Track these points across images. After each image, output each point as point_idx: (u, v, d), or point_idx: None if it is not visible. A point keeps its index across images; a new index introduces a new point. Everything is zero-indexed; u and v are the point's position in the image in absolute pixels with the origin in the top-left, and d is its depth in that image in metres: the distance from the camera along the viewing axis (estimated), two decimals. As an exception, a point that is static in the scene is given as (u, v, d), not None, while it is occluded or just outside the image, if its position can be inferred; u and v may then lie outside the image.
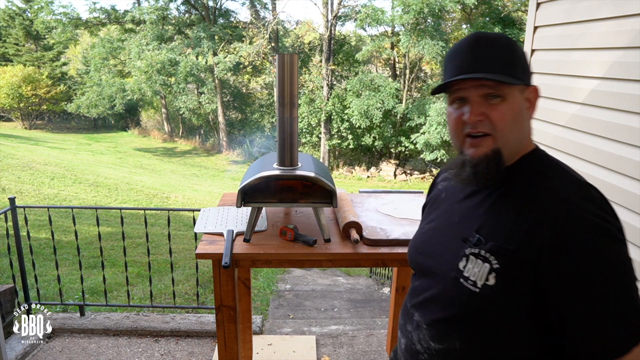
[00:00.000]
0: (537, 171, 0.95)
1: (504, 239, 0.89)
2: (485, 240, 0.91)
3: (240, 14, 40.94)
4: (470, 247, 0.93)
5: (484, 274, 0.89)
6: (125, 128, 26.34)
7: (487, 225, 0.93)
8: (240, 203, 1.53)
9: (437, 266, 1.01)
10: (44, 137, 21.01)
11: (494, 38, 0.94)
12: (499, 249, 0.88)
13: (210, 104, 21.38)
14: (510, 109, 0.91)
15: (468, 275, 0.91)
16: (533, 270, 0.85)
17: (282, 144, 1.57)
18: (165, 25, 21.45)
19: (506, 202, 0.93)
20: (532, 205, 0.88)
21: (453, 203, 1.06)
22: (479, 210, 0.97)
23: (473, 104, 0.92)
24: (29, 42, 26.54)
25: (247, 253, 1.54)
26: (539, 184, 0.91)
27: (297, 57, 1.53)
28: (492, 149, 0.92)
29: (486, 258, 0.90)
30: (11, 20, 25.57)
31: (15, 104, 22.48)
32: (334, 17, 19.97)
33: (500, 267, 0.87)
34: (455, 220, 1.02)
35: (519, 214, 0.89)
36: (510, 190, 0.94)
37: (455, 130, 0.97)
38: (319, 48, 21.37)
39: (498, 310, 0.89)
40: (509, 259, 0.87)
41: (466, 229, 0.97)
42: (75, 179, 11.81)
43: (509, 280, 0.87)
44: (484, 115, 0.91)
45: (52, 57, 25.75)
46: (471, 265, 0.92)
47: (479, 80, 0.91)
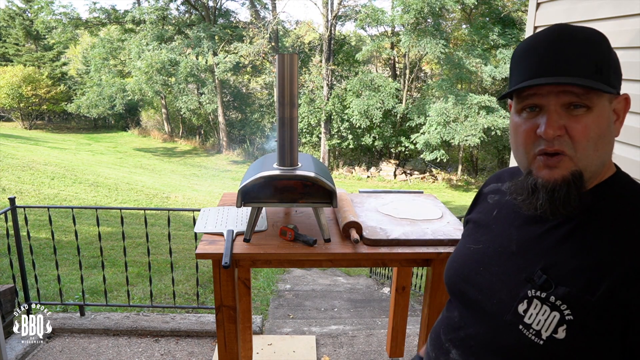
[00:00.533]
0: (623, 201, 0.77)
1: (582, 286, 0.72)
2: (555, 284, 0.75)
3: (240, 14, 40.95)
4: (535, 289, 0.76)
5: (552, 324, 0.73)
6: (125, 128, 26.34)
7: (558, 265, 0.76)
8: (240, 203, 1.53)
9: (487, 302, 0.84)
10: (44, 137, 21.02)
11: (582, 33, 0.75)
12: (575, 297, 0.72)
13: (210, 104, 21.38)
14: (597, 123, 0.74)
15: (530, 322, 0.75)
16: (620, 329, 0.70)
17: (282, 144, 1.57)
18: (165, 25, 21.45)
19: (584, 237, 0.76)
20: (623, 247, 0.71)
21: (509, 226, 0.88)
22: (546, 242, 0.79)
23: (551, 115, 0.74)
24: (29, 42, 26.54)
25: (247, 253, 1.54)
26: (630, 219, 0.74)
27: (297, 57, 1.53)
28: (572, 171, 0.75)
29: (556, 306, 0.73)
30: (11, 20, 25.57)
31: (15, 104, 22.48)
32: (334, 17, 19.97)
33: (575, 320, 0.72)
34: (512, 249, 0.84)
35: (604, 257, 0.72)
36: (588, 223, 0.76)
37: (525, 145, 0.78)
38: (319, 48, 21.38)
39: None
40: (588, 311, 0.71)
41: (528, 264, 0.80)
42: (75, 179, 11.81)
43: (584, 337, 0.71)
44: (564, 129, 0.74)
45: (52, 57, 25.76)
46: (534, 311, 0.75)
47: (563, 86, 0.72)
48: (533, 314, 0.76)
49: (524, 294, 0.78)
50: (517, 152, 0.82)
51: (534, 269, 0.78)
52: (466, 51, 17.76)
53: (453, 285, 0.95)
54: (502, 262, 0.85)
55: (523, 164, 0.82)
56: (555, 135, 0.74)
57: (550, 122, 0.74)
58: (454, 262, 0.97)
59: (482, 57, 17.48)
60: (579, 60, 0.73)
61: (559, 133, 0.74)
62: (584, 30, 0.76)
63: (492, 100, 16.76)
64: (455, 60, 17.83)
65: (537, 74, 0.75)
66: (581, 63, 0.73)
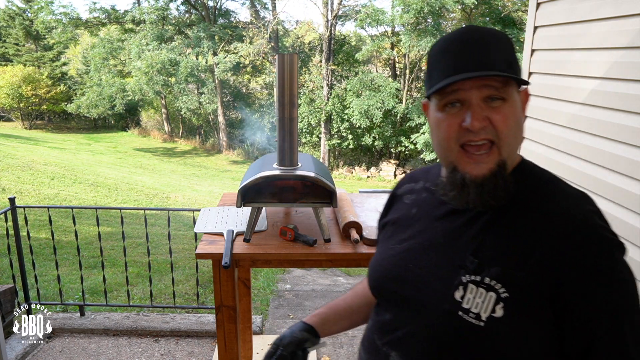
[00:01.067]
0: (534, 185, 0.84)
1: (512, 263, 0.77)
2: (487, 266, 0.79)
3: (240, 14, 40.98)
4: (469, 274, 0.80)
5: (489, 304, 0.77)
6: (125, 128, 26.33)
7: (488, 248, 0.80)
8: (240, 203, 1.53)
9: (423, 296, 0.85)
10: (44, 137, 21.01)
11: (491, 33, 0.82)
12: (508, 275, 0.77)
13: (210, 104, 21.38)
14: (513, 113, 0.80)
15: (469, 307, 0.78)
16: (550, 297, 0.75)
17: (282, 144, 1.57)
18: (165, 25, 21.45)
19: (508, 220, 0.81)
20: (543, 225, 0.78)
21: (432, 221, 0.91)
22: (472, 229, 0.83)
23: (475, 108, 0.79)
24: (29, 42, 26.54)
25: (247, 253, 1.54)
26: (546, 199, 0.81)
27: (297, 57, 1.53)
28: (498, 162, 0.80)
29: (491, 286, 0.77)
30: (11, 20, 25.57)
31: (15, 104, 22.48)
32: (334, 17, 19.97)
33: (510, 297, 0.76)
34: (439, 241, 0.87)
35: (528, 235, 0.78)
36: (510, 206, 0.82)
37: (450, 139, 0.82)
38: (319, 48, 21.38)
39: (507, 347, 0.77)
40: (521, 286, 0.76)
41: (458, 252, 0.83)
42: (75, 179, 11.81)
43: (520, 311, 0.76)
44: (487, 120, 0.79)
45: (52, 57, 25.75)
46: (471, 296, 0.79)
47: (483, 81, 0.78)
48: (470, 298, 0.79)
49: (459, 281, 0.80)
50: (440, 147, 0.85)
51: (465, 255, 0.81)
52: (466, 51, 17.72)
53: (382, 288, 0.95)
54: (431, 256, 0.87)
55: (448, 158, 0.84)
56: (482, 126, 0.79)
57: (476, 114, 0.79)
58: (379, 266, 0.97)
59: (482, 57, 17.45)
60: (495, 57, 0.79)
61: (485, 124, 0.79)
62: (491, 31, 0.83)
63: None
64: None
65: (459, 71, 0.79)
66: (497, 59, 0.79)
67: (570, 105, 1.97)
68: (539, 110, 2.26)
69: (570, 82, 1.99)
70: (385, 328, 0.91)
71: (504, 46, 0.81)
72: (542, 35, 2.25)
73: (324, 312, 1.08)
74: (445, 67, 0.81)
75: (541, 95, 2.24)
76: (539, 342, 0.77)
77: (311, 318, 1.06)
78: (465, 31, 0.82)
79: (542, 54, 2.26)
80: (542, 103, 2.22)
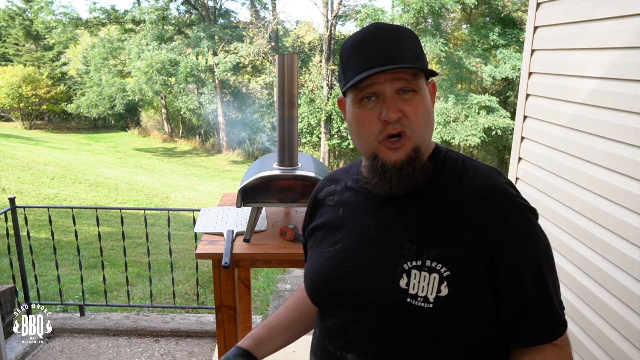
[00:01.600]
0: (451, 166, 0.89)
1: (449, 242, 0.81)
2: (426, 249, 0.82)
3: (240, 14, 40.94)
4: (410, 260, 0.82)
5: (434, 285, 0.80)
6: (125, 128, 26.33)
7: (422, 233, 0.84)
8: (240, 203, 1.53)
9: (366, 292, 0.85)
10: (44, 137, 21.01)
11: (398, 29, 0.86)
12: (447, 254, 0.81)
13: (210, 104, 21.38)
14: (423, 103, 0.84)
15: (415, 292, 0.80)
16: (487, 267, 0.81)
17: (282, 144, 1.58)
18: (165, 25, 21.44)
19: (435, 203, 0.85)
20: (468, 200, 0.84)
21: (362, 217, 0.92)
22: (404, 219, 0.86)
23: (390, 100, 0.82)
24: (29, 42, 26.53)
25: (247, 253, 1.54)
26: (463, 178, 0.87)
27: (297, 57, 1.53)
28: (413, 148, 0.84)
29: (432, 268, 0.80)
30: (11, 20, 25.55)
31: (15, 104, 22.47)
32: (334, 17, 19.97)
33: (452, 274, 0.80)
34: (373, 235, 0.89)
35: (457, 212, 0.83)
36: (432, 190, 0.87)
37: (370, 132, 0.85)
38: (319, 48, 21.37)
39: (458, 322, 0.81)
40: (461, 263, 0.80)
41: (394, 242, 0.85)
42: (75, 179, 11.81)
43: (464, 285, 0.80)
44: (401, 111, 0.83)
45: (52, 57, 25.74)
46: (415, 281, 0.81)
47: (396, 74, 0.81)
48: (415, 283, 0.81)
49: (401, 269, 0.82)
50: (361, 140, 0.88)
51: (402, 243, 0.84)
52: (466, 51, 17.75)
53: (324, 293, 0.94)
54: (368, 251, 0.88)
55: (368, 150, 0.87)
56: (397, 117, 0.82)
57: (391, 106, 0.82)
58: (316, 272, 0.95)
59: (482, 57, 17.48)
60: (404, 51, 0.83)
61: (399, 115, 0.83)
62: (399, 27, 0.86)
63: (492, 100, 16.75)
64: (455, 60, 17.83)
65: (373, 65, 0.82)
66: (406, 53, 0.83)
67: (570, 105, 1.97)
68: (539, 110, 2.26)
69: (570, 82, 1.99)
70: (335, 332, 0.90)
71: (411, 41, 0.85)
72: (542, 35, 2.25)
73: (257, 333, 1.05)
74: (359, 63, 0.84)
75: (541, 95, 2.24)
76: (485, 312, 0.82)
77: (244, 341, 1.03)
78: (375, 28, 0.85)
79: (542, 54, 2.26)
80: (542, 103, 2.22)
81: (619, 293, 1.62)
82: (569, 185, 1.95)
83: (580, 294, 1.85)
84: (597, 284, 1.75)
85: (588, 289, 1.79)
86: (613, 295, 1.65)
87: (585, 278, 1.82)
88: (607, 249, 1.69)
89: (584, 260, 1.83)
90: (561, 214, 2.00)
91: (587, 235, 1.81)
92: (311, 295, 0.97)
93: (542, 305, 0.82)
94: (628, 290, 1.57)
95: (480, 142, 16.82)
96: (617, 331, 1.63)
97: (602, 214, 1.72)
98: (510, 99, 18.43)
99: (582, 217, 1.86)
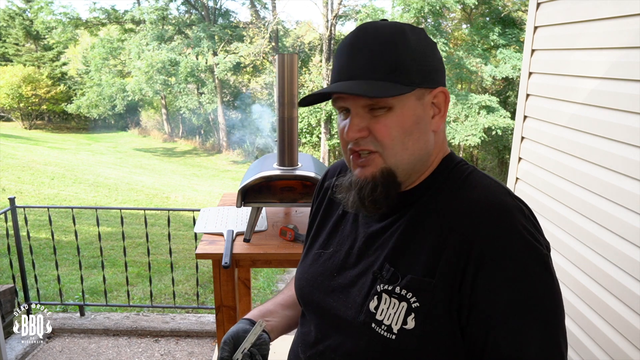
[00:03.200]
0: (453, 181, 0.79)
1: (422, 270, 0.72)
2: (401, 275, 0.74)
3: (240, 14, 40.93)
4: (383, 283, 0.75)
5: (401, 316, 0.72)
6: (125, 128, 26.33)
7: (402, 255, 0.76)
8: (240, 203, 1.53)
9: (341, 307, 0.80)
10: (44, 137, 21.01)
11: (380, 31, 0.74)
12: (418, 282, 0.72)
13: (210, 103, 21.38)
14: (398, 122, 0.73)
15: (381, 319, 0.74)
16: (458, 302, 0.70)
17: (282, 144, 1.57)
18: (165, 25, 21.45)
19: (420, 225, 0.76)
20: (454, 224, 0.72)
21: (357, 225, 0.86)
22: (392, 236, 0.78)
23: (353, 118, 0.75)
24: (29, 42, 26.53)
25: (247, 253, 1.54)
26: (459, 199, 0.76)
27: (297, 57, 1.53)
28: (382, 168, 0.76)
29: (402, 296, 0.73)
30: (11, 20, 25.55)
31: (15, 104, 22.47)
32: (334, 16, 19.97)
33: (421, 306, 0.71)
34: (362, 248, 0.82)
35: (438, 237, 0.73)
36: (424, 208, 0.78)
37: (342, 144, 0.79)
38: (319, 48, 21.38)
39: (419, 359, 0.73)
40: (432, 294, 0.71)
41: (377, 259, 0.78)
42: (75, 179, 11.81)
43: (432, 322, 0.71)
44: (367, 130, 0.74)
45: (52, 57, 25.74)
46: (385, 306, 0.74)
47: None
48: (384, 309, 0.74)
49: (374, 290, 0.76)
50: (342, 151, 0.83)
51: (383, 263, 0.77)
52: (466, 51, 17.75)
53: (307, 297, 0.89)
54: (352, 263, 0.83)
55: (347, 162, 0.82)
56: (356, 137, 0.75)
57: (352, 125, 0.75)
58: (304, 274, 0.91)
59: (482, 57, 17.48)
60: (371, 63, 0.73)
61: (361, 135, 0.75)
62: (382, 31, 0.74)
63: (492, 100, 16.75)
64: (455, 60, 17.83)
65: (337, 78, 0.76)
66: (373, 66, 0.73)
67: (570, 105, 1.97)
68: (539, 110, 2.26)
69: (570, 82, 1.99)
70: (308, 341, 0.87)
71: (390, 48, 0.73)
72: (542, 35, 2.25)
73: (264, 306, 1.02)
74: (332, 72, 0.79)
75: (541, 95, 2.24)
76: (449, 352, 0.73)
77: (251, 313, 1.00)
78: (356, 33, 0.76)
79: (542, 54, 2.26)
80: (542, 103, 2.22)
81: (619, 293, 1.61)
82: (569, 185, 1.95)
83: (580, 294, 1.85)
84: (597, 284, 1.75)
85: (588, 289, 1.79)
86: (613, 295, 1.65)
87: (585, 278, 1.82)
88: (607, 249, 1.69)
89: (584, 260, 1.83)
90: (561, 214, 2.00)
91: (587, 235, 1.81)
92: (297, 295, 0.94)
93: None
94: (628, 290, 1.57)
95: (480, 142, 16.82)
96: (617, 331, 1.63)
97: (602, 214, 1.72)
98: (510, 99, 18.43)
99: (582, 217, 1.86)
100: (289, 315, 1.02)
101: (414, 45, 0.75)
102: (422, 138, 0.77)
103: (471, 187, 0.77)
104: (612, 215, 1.67)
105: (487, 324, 0.69)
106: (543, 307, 0.70)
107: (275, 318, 1.00)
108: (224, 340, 0.89)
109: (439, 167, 0.81)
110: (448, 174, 0.80)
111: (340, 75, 0.76)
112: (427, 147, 0.78)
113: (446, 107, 0.79)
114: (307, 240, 0.99)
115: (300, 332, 0.92)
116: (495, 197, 0.74)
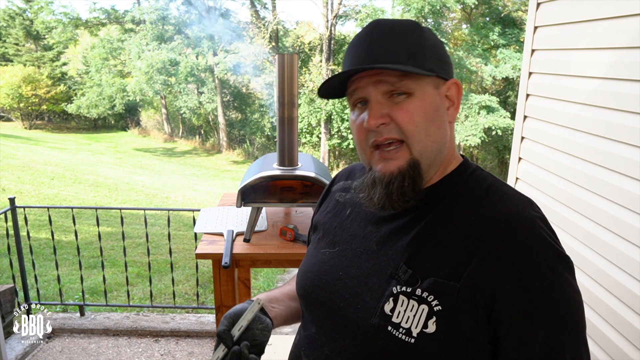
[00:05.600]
0: (474, 188, 0.78)
1: (447, 273, 0.70)
2: (420, 277, 0.72)
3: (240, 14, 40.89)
4: (400, 285, 0.73)
5: (421, 319, 0.70)
6: (125, 128, 26.32)
7: (421, 257, 0.73)
8: (240, 203, 1.53)
9: (350, 309, 0.77)
10: (44, 137, 21.00)
11: (395, 23, 0.76)
12: (442, 286, 0.70)
13: (210, 103, 21.38)
14: (420, 107, 0.73)
15: (399, 321, 0.71)
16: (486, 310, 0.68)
17: (282, 144, 1.57)
18: (165, 25, 21.45)
19: (443, 227, 0.74)
20: (484, 230, 0.71)
21: (366, 225, 0.83)
22: (406, 236, 0.76)
23: (373, 105, 0.73)
24: (29, 42, 26.52)
25: (247, 253, 1.53)
26: (484, 205, 0.74)
27: (297, 57, 1.53)
28: (409, 160, 0.74)
29: (423, 299, 0.70)
30: (11, 20, 25.54)
31: (15, 104, 22.46)
32: (334, 16, 19.97)
33: (444, 310, 0.69)
34: (372, 248, 0.80)
35: (464, 242, 0.71)
36: (445, 211, 0.76)
37: (360, 141, 0.77)
38: (319, 48, 21.37)
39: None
40: (456, 298, 0.69)
41: (391, 260, 0.76)
42: (75, 179, 11.80)
43: (455, 327, 0.69)
44: (388, 117, 0.73)
45: (52, 57, 25.73)
46: (402, 309, 0.71)
47: (378, 75, 0.72)
48: (401, 311, 0.71)
49: (389, 292, 0.73)
50: (358, 149, 0.81)
51: (398, 264, 0.74)
52: (466, 51, 17.75)
53: (310, 297, 0.86)
54: (362, 263, 0.80)
55: (364, 160, 0.80)
56: (379, 124, 0.73)
57: (372, 112, 0.73)
58: (308, 272, 0.88)
59: (482, 57, 17.48)
60: (391, 48, 0.73)
61: (383, 121, 0.73)
62: (397, 22, 0.76)
63: (492, 100, 16.76)
64: (455, 60, 17.82)
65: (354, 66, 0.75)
66: (393, 51, 0.73)
67: (571, 105, 1.97)
68: (539, 110, 2.26)
69: (570, 82, 1.99)
70: (312, 344, 0.83)
71: (407, 37, 0.74)
72: (542, 35, 2.25)
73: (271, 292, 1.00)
74: (345, 64, 0.77)
75: (541, 95, 2.24)
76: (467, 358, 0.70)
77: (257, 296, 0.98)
78: (372, 25, 0.77)
79: (542, 54, 2.26)
80: (542, 103, 2.22)
81: (619, 293, 1.61)
82: (569, 185, 1.95)
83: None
84: (597, 284, 1.75)
85: (588, 289, 1.79)
86: (613, 295, 1.65)
87: (585, 278, 1.82)
88: (607, 249, 1.69)
89: (584, 260, 1.83)
90: (561, 214, 2.00)
91: (587, 235, 1.81)
92: (298, 294, 0.91)
93: None
94: (628, 290, 1.57)
95: (481, 142, 16.82)
96: (617, 331, 1.63)
97: (602, 214, 1.72)
98: (510, 99, 18.43)
99: (582, 217, 1.86)
100: (294, 307, 1.00)
101: (429, 36, 0.76)
102: (442, 127, 0.76)
103: (496, 197, 0.76)
104: (612, 215, 1.67)
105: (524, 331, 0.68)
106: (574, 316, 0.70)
107: (280, 306, 0.97)
108: (225, 315, 0.87)
109: (457, 170, 0.80)
110: (466, 179, 0.79)
111: (359, 61, 0.74)
112: (445, 138, 0.77)
113: (459, 99, 0.79)
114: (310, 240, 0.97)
115: (302, 334, 0.89)
116: (519, 209, 0.73)
